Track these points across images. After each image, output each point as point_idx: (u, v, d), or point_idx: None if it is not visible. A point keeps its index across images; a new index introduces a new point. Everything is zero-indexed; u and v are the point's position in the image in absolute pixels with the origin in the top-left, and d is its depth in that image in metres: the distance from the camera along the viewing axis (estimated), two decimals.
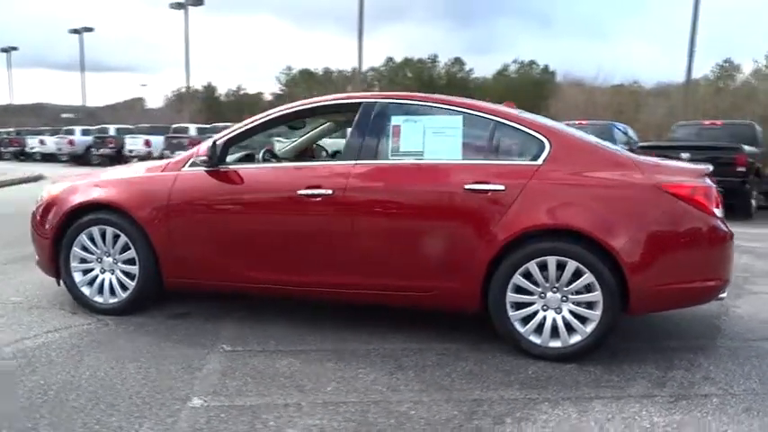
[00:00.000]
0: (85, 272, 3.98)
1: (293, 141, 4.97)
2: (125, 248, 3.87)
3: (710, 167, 3.52)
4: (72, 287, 3.98)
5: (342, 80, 54.32)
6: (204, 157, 3.61)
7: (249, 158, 4.20)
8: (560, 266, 3.27)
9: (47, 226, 3.98)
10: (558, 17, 75.04)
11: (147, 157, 22.81)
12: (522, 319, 3.36)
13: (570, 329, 3.30)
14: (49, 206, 4.02)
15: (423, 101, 3.68)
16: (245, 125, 3.91)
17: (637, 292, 3.20)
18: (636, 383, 3.09)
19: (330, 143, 5.97)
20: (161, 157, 22.41)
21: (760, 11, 55.94)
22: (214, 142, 3.68)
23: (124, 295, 3.91)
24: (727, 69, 44.94)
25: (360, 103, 3.71)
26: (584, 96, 33.98)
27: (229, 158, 3.95)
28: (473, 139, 3.59)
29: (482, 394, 2.91)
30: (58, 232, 3.94)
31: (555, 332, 3.33)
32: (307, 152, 4.94)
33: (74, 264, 3.95)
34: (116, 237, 3.87)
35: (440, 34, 76.27)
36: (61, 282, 4.11)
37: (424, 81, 53.04)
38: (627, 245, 3.18)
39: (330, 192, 3.49)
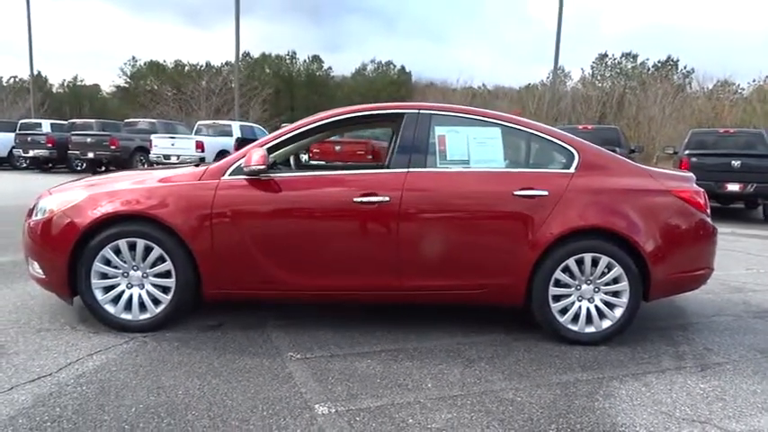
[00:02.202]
0: (107, 288, 3.72)
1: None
2: (157, 261, 3.69)
3: (693, 175, 4.19)
4: (94, 306, 3.70)
5: (195, 74, 51.86)
6: (261, 166, 3.57)
7: (275, 166, 4.17)
8: (594, 262, 3.74)
9: (61, 240, 3.65)
10: (401, 18, 78.34)
11: None
12: (560, 310, 3.79)
13: (602, 316, 3.79)
14: (61, 219, 3.68)
15: (463, 113, 3.95)
16: (284, 134, 3.91)
17: (656, 281, 3.77)
18: (662, 359, 3.64)
19: None
20: (10, 155, 20.16)
21: (583, 24, 63.00)
22: (267, 150, 3.65)
23: (157, 310, 3.73)
24: (559, 76, 50.10)
25: (402, 114, 3.89)
26: (443, 98, 35.89)
27: None
28: (512, 148, 3.94)
29: (559, 378, 3.28)
30: (77, 247, 3.64)
31: (588, 320, 3.79)
32: (295, 158, 4.98)
33: (94, 280, 3.68)
34: (147, 249, 3.67)
35: (291, 30, 75.76)
36: (73, 301, 3.82)
37: (284, 78, 52.49)
38: (650, 241, 3.73)
39: (387, 198, 3.64)
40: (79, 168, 18.88)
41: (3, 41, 65.80)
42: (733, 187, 11.01)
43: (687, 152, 11.70)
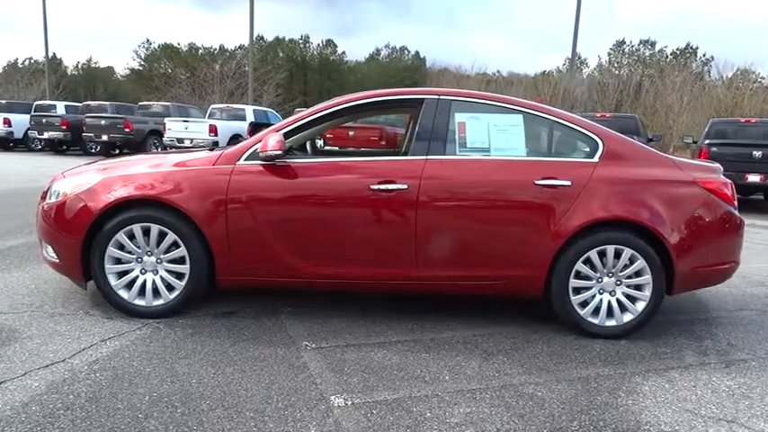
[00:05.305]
0: (121, 273, 3.68)
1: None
2: (171, 247, 3.64)
3: (720, 166, 4.05)
4: (108, 291, 3.66)
5: (209, 57, 51.75)
6: (278, 152, 3.50)
7: (291, 152, 4.09)
8: (617, 254, 3.64)
9: (75, 224, 3.61)
10: (416, 2, 77.51)
11: (6, 138, 20.32)
12: (581, 303, 3.70)
13: (623, 309, 3.70)
14: (75, 202, 3.64)
15: (484, 99, 3.85)
16: (300, 119, 3.83)
17: (681, 274, 3.66)
18: (685, 354, 3.55)
19: None
20: (25, 136, 20.21)
21: (601, 11, 62.08)
22: (283, 136, 3.58)
23: (171, 296, 3.69)
24: (576, 63, 49.48)
25: (422, 100, 3.80)
26: (457, 84, 35.60)
27: None
28: (534, 136, 3.84)
29: (579, 372, 3.20)
30: (91, 231, 3.60)
31: (609, 313, 3.70)
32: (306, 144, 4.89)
33: (108, 265, 3.64)
34: (161, 234, 3.62)
35: (305, 14, 75.25)
36: (87, 285, 3.79)
37: (297, 62, 52.29)
38: (675, 234, 3.62)
39: (405, 186, 3.56)
40: (93, 151, 18.92)
41: (19, 23, 65.97)
42: (753, 178, 10.80)
43: (707, 142, 11.48)
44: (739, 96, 31.28)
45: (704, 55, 43.13)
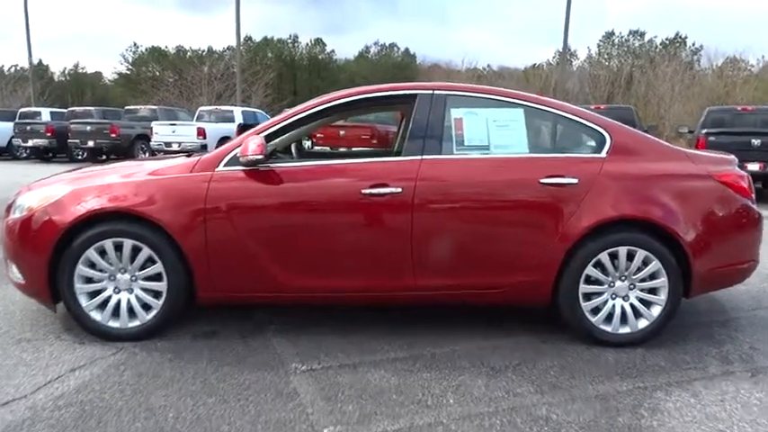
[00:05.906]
0: (92, 294, 3.38)
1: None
2: (147, 263, 3.34)
3: (735, 157, 3.79)
4: (79, 313, 3.36)
5: (197, 59, 51.19)
6: (259, 156, 3.20)
7: (274, 155, 3.80)
8: (629, 256, 3.36)
9: (41, 241, 3.30)
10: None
11: None
12: (592, 309, 3.43)
13: (638, 315, 3.43)
14: (41, 217, 3.33)
15: (481, 93, 3.57)
16: (284, 119, 3.54)
17: (697, 275, 3.40)
18: (707, 362, 3.28)
19: None
20: (10, 144, 19.79)
21: (589, 2, 61.97)
22: (264, 138, 3.28)
23: (148, 317, 3.39)
24: (566, 56, 49.22)
25: (415, 95, 3.51)
26: (448, 80, 35.30)
27: None
28: (536, 131, 3.57)
29: (596, 389, 2.92)
30: (58, 248, 3.30)
31: (622, 319, 3.43)
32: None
33: (78, 285, 3.34)
34: (135, 250, 3.32)
35: (293, 13, 74.56)
36: (57, 307, 3.48)
37: (287, 62, 51.85)
38: (691, 232, 3.36)
39: (399, 190, 3.28)
40: (80, 157, 18.52)
41: (4, 30, 65.21)
42: (753, 167, 10.52)
43: (704, 131, 11.25)
44: (731, 85, 31.12)
45: (693, 44, 42.96)
